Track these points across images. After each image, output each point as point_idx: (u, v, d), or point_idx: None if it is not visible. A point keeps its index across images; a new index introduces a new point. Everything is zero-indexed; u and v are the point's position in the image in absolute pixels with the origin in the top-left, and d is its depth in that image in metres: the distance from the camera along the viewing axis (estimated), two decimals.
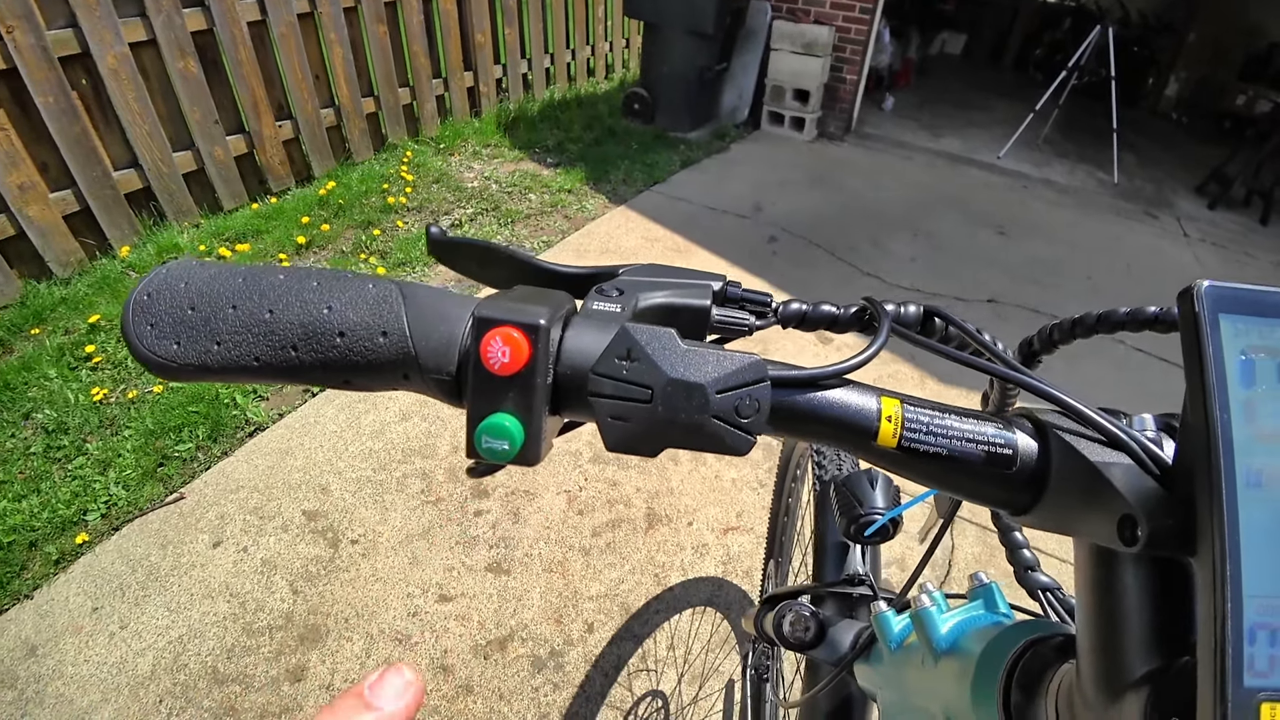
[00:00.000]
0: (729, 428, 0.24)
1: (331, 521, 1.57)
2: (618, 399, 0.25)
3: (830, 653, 0.52)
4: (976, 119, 5.68)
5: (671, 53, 3.96)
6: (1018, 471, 0.26)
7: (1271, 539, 0.20)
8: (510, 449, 0.24)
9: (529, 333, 0.24)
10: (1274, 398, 0.21)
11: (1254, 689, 0.19)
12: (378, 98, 3.29)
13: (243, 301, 0.26)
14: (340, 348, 0.26)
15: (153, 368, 0.26)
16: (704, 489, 1.73)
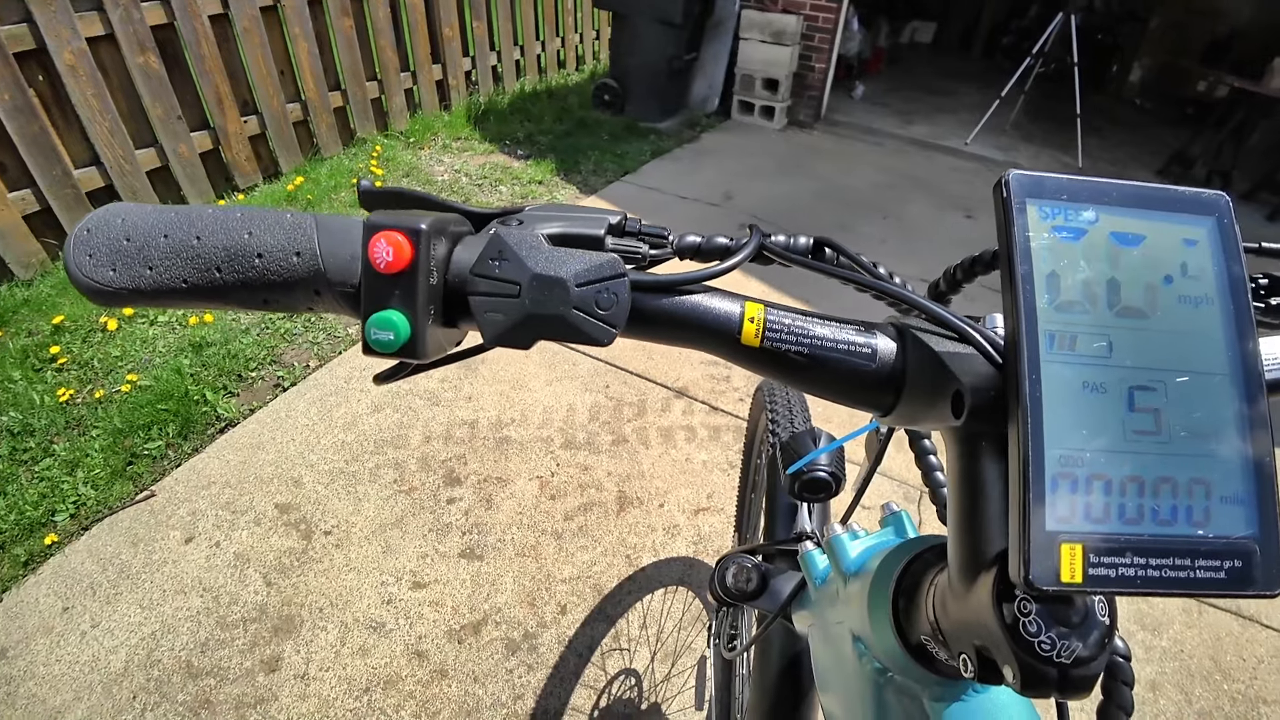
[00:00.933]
0: (589, 318, 0.27)
1: (304, 513, 1.57)
2: (491, 295, 0.27)
3: (771, 602, 0.55)
4: (945, 105, 5.75)
5: (641, 43, 3.96)
6: (877, 370, 0.29)
7: (1072, 397, 0.23)
8: (395, 340, 0.27)
9: (410, 235, 0.26)
10: (1074, 270, 0.24)
11: (1055, 532, 0.22)
12: (345, 92, 3.26)
13: (173, 231, 0.29)
14: (259, 268, 0.29)
15: (90, 293, 0.29)
16: (675, 471, 1.76)
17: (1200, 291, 0.24)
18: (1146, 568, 0.22)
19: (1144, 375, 0.23)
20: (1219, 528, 0.22)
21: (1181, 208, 0.25)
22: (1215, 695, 1.47)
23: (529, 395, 1.98)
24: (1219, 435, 0.23)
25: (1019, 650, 0.24)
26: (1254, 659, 1.56)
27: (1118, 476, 0.22)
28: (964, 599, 0.27)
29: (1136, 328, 0.24)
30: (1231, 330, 0.24)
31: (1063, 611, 0.24)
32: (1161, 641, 1.56)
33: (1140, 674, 1.49)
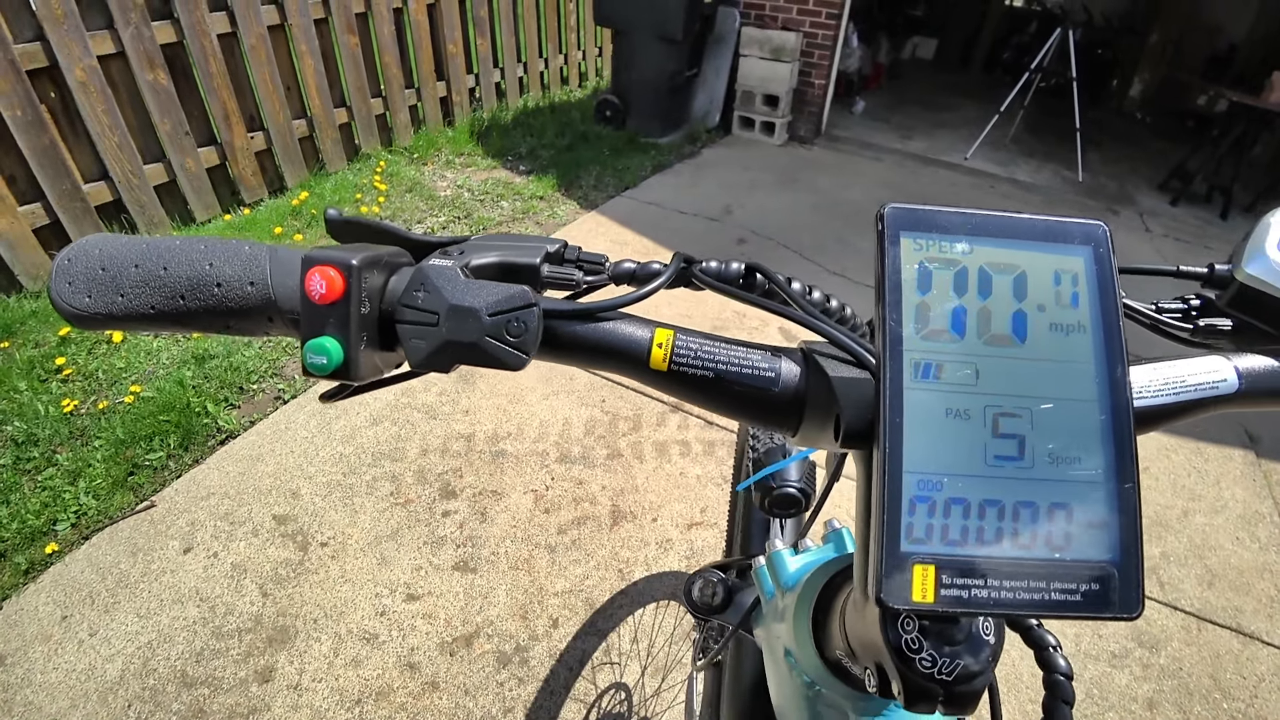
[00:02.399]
0: (500, 345, 0.29)
1: (301, 525, 1.59)
2: (414, 324, 0.30)
3: (735, 616, 0.56)
4: (945, 120, 5.79)
5: (642, 59, 4.02)
6: (779, 393, 0.30)
7: (935, 423, 0.24)
8: (329, 364, 0.29)
9: (343, 269, 0.29)
10: (944, 300, 0.25)
11: (909, 554, 0.23)
12: (350, 108, 3.31)
13: (143, 261, 0.32)
14: (218, 295, 0.32)
15: (68, 318, 0.32)
16: (669, 486, 1.78)
17: (1073, 320, 0.25)
18: (1001, 589, 0.22)
19: (1010, 402, 0.24)
20: (1079, 552, 0.23)
21: (1059, 238, 0.26)
22: (1214, 714, 1.47)
23: (525, 409, 2.00)
24: (1083, 461, 0.24)
25: (901, 666, 0.26)
26: (1254, 677, 1.56)
27: (976, 500, 0.23)
28: (863, 616, 0.29)
29: (1005, 356, 0.24)
30: (1102, 358, 0.25)
31: (946, 630, 0.26)
32: (1159, 659, 1.57)
33: (1137, 692, 1.49)
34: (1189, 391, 0.32)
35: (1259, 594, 1.78)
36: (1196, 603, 1.72)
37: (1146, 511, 1.96)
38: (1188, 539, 1.90)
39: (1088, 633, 1.59)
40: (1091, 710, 1.44)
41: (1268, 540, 1.96)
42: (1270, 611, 1.74)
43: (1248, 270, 0.35)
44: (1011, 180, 4.58)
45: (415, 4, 3.47)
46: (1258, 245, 0.35)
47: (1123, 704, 1.46)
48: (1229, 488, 2.14)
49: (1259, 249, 0.35)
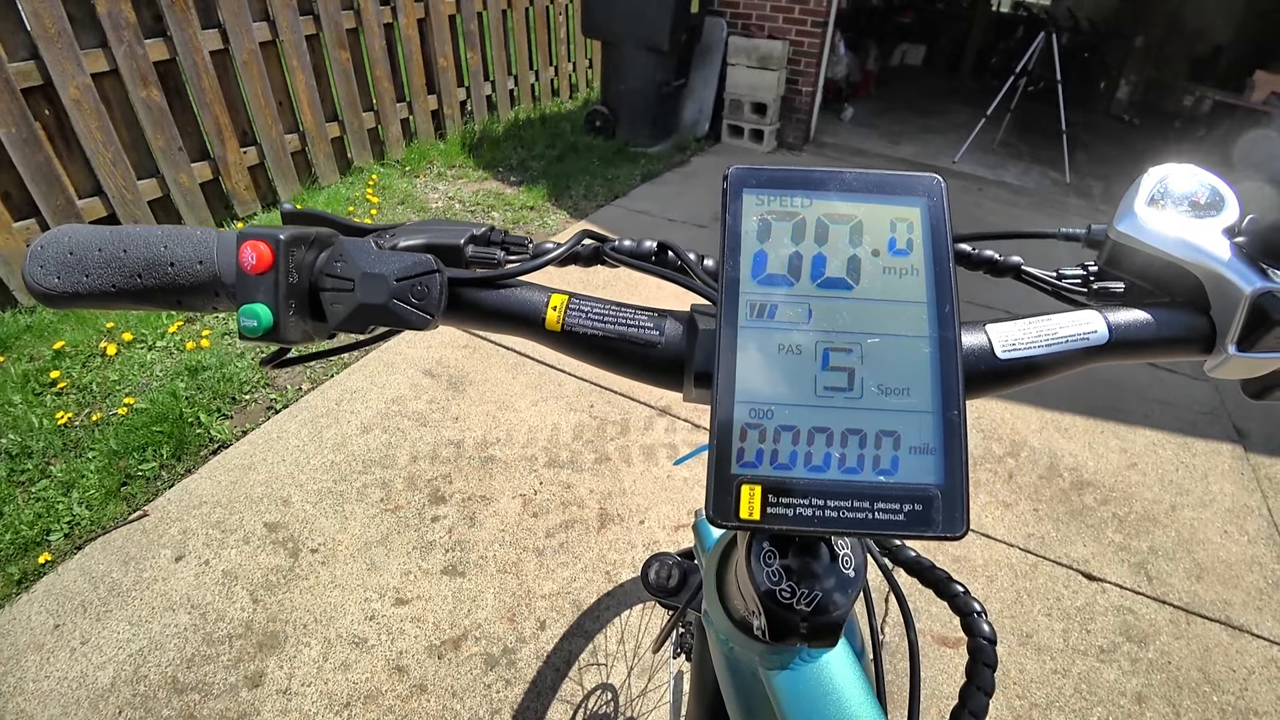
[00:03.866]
0: (407, 306, 0.32)
1: (292, 532, 1.61)
2: (334, 290, 0.33)
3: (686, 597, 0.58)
4: (934, 125, 5.84)
5: (630, 70, 4.06)
6: (662, 351, 0.33)
7: (767, 358, 0.26)
8: (259, 326, 0.32)
9: (271, 242, 0.32)
10: (780, 247, 0.27)
11: (737, 475, 0.24)
12: (342, 122, 3.35)
13: (106, 246, 0.35)
14: (171, 274, 0.35)
15: (38, 296, 0.35)
16: (656, 489, 1.79)
17: (906, 264, 0.27)
18: (825, 509, 0.24)
19: (841, 338, 0.26)
20: (906, 475, 0.24)
21: (896, 191, 0.28)
22: (1204, 707, 1.47)
23: (515, 415, 2.01)
24: (911, 392, 0.25)
25: (765, 601, 0.27)
26: (1244, 670, 1.57)
27: (805, 427, 0.25)
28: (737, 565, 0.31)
29: (839, 296, 0.26)
30: (933, 297, 0.26)
31: (806, 564, 0.28)
32: (1148, 653, 1.57)
33: (1125, 686, 1.50)
34: (1060, 343, 0.33)
35: (1248, 587, 1.79)
36: (1185, 596, 1.73)
37: (1135, 507, 1.98)
38: (1176, 533, 1.92)
39: (1076, 628, 1.60)
40: (1080, 705, 1.44)
41: (1256, 533, 1.97)
42: (1259, 604, 1.74)
43: (1118, 228, 0.37)
44: (1000, 183, 4.62)
45: (406, 19, 3.52)
46: (1128, 204, 0.36)
47: (1111, 699, 1.46)
48: (1217, 482, 2.15)
49: (1129, 208, 0.36)
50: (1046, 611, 1.63)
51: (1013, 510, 1.91)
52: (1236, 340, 0.33)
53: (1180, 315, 0.35)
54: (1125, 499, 2.01)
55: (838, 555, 0.29)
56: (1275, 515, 2.05)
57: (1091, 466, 2.12)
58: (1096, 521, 1.92)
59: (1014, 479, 2.03)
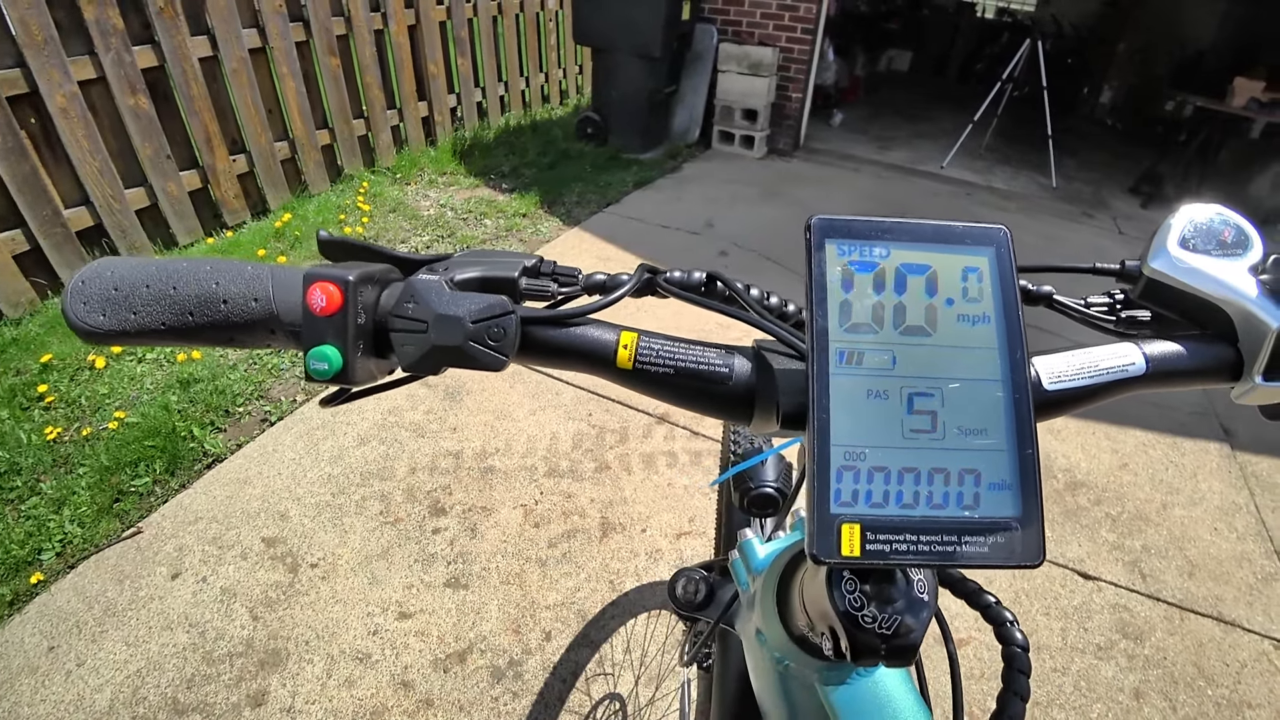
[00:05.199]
0: (482, 348, 0.32)
1: (291, 547, 1.59)
2: (405, 331, 0.33)
3: (717, 612, 0.58)
4: (923, 130, 5.90)
5: (622, 77, 4.07)
6: (732, 387, 0.34)
7: (858, 403, 0.27)
8: (329, 369, 0.32)
9: (341, 285, 0.32)
10: (863, 297, 0.28)
11: (837, 515, 0.26)
12: (332, 129, 3.33)
13: (154, 282, 0.35)
14: (224, 311, 0.34)
15: (84, 335, 0.34)
16: (656, 496, 1.79)
17: (979, 311, 0.28)
18: (918, 544, 0.26)
19: (923, 383, 0.27)
20: (987, 510, 0.26)
21: (965, 240, 0.29)
22: (1199, 701, 1.50)
23: (513, 425, 2.01)
24: (989, 432, 0.27)
25: (846, 624, 0.29)
26: (1237, 664, 1.60)
27: (895, 467, 0.26)
28: (813, 583, 0.32)
29: (919, 344, 0.28)
30: (1004, 343, 0.28)
31: (885, 591, 0.30)
32: (1144, 650, 1.59)
33: (1124, 683, 1.51)
34: (1101, 375, 0.36)
35: (1238, 582, 1.82)
36: (1178, 593, 1.75)
37: (1127, 506, 2.00)
38: (1167, 531, 1.94)
39: (1074, 627, 1.61)
40: (1080, 702, 1.46)
41: (1245, 530, 2.00)
42: (1250, 599, 1.77)
43: (1153, 265, 0.39)
44: (989, 188, 4.67)
45: (396, 25, 3.51)
46: (1160, 243, 0.39)
47: (1109, 695, 1.48)
48: (1206, 480, 2.18)
49: (1161, 246, 0.39)
50: (1045, 611, 1.65)
51: None
52: (1264, 371, 0.35)
53: (1210, 347, 0.37)
54: (1118, 499, 2.04)
55: (912, 581, 0.30)
56: (1263, 512, 2.08)
57: (1085, 468, 2.15)
58: (1091, 522, 1.94)
59: None
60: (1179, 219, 0.39)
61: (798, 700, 0.39)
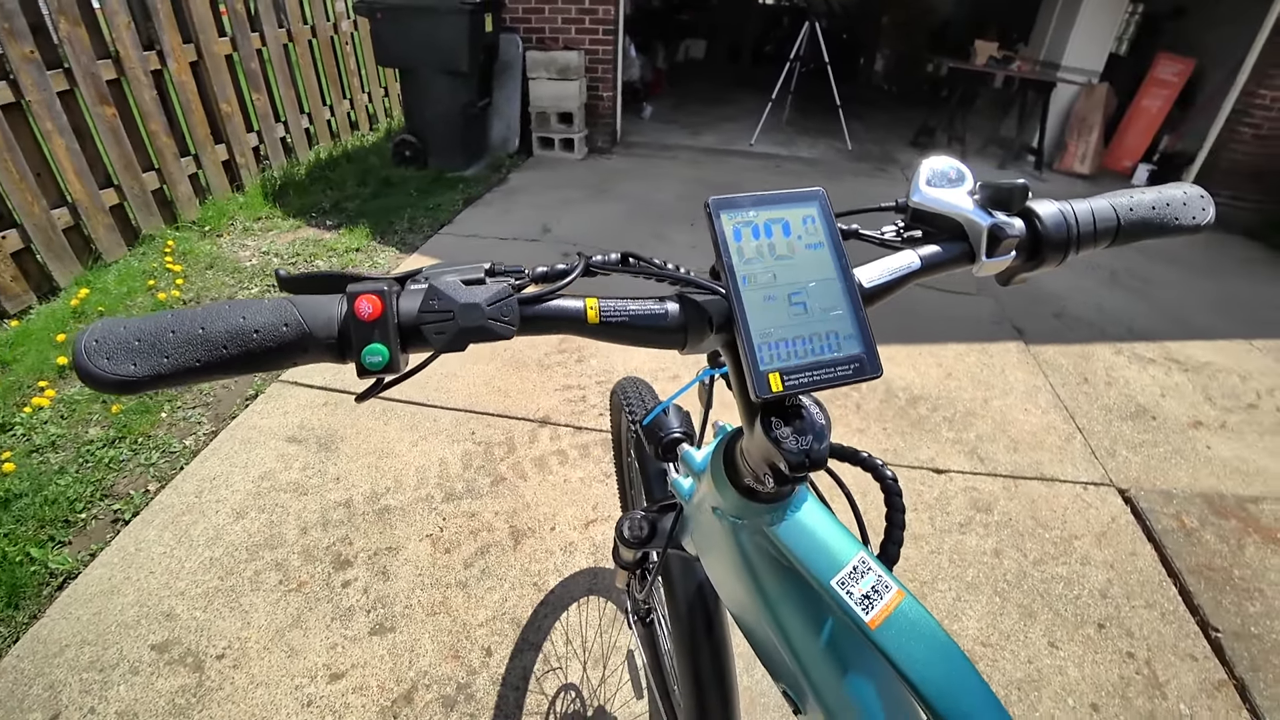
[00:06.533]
0: (498, 323, 0.42)
1: (188, 646, 1.46)
2: (436, 322, 0.41)
3: (662, 540, 0.69)
4: (727, 113, 6.32)
5: (432, 95, 4.01)
6: (669, 323, 0.46)
7: (757, 305, 0.43)
8: (382, 361, 0.40)
9: (380, 295, 0.40)
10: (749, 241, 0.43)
11: (765, 370, 0.42)
12: (119, 187, 2.99)
13: (179, 327, 0.39)
14: (257, 340, 0.40)
15: (116, 385, 0.37)
16: (556, 495, 1.85)
17: (816, 240, 0.45)
18: (813, 376, 0.42)
19: (795, 287, 0.44)
20: (845, 351, 0.43)
21: (801, 200, 0.46)
22: (1041, 544, 1.84)
23: (398, 460, 1.96)
24: (837, 308, 0.44)
25: (781, 450, 0.42)
26: (1061, 508, 1.97)
27: (790, 336, 0.43)
28: (752, 439, 0.45)
29: (787, 264, 0.44)
30: (835, 256, 0.45)
31: (798, 423, 0.43)
32: (994, 517, 1.90)
33: (984, 546, 1.81)
34: (896, 273, 0.53)
35: (1050, 446, 2.21)
36: (1009, 466, 2.10)
37: (958, 407, 2.35)
38: (992, 420, 2.30)
39: (938, 514, 1.88)
40: (956, 571, 1.72)
41: (1047, 405, 2.42)
42: (1060, 458, 2.16)
43: (913, 200, 0.57)
44: (795, 158, 5.12)
45: (176, 64, 3.21)
46: (915, 184, 0.57)
47: (977, 559, 1.76)
48: (1011, 372, 2.60)
49: (916, 186, 0.57)
50: (913, 507, 1.91)
51: (866, 434, 2.20)
52: (985, 253, 0.54)
53: (955, 245, 0.55)
54: (949, 403, 2.38)
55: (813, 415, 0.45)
56: (1057, 388, 2.53)
57: (919, 384, 2.48)
58: (933, 426, 2.25)
59: (861, 408, 2.33)
60: (923, 167, 0.57)
61: (754, 557, 0.52)
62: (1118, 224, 0.58)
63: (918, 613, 0.44)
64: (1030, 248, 0.56)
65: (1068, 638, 1.59)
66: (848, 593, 0.45)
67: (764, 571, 0.51)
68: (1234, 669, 1.55)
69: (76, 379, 2.33)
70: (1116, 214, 0.58)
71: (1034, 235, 0.55)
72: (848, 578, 0.46)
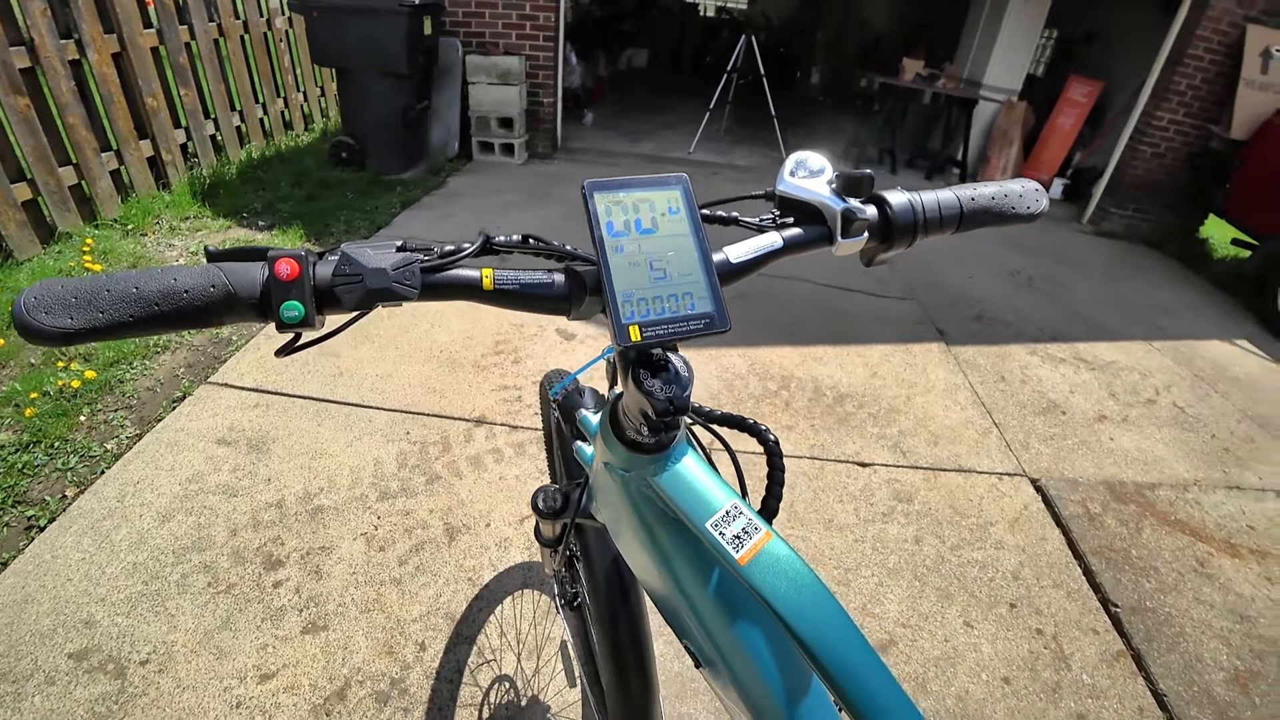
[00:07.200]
0: (402, 285, 0.48)
1: (109, 652, 1.42)
2: (346, 284, 0.46)
3: (572, 513, 0.75)
4: (668, 121, 6.44)
5: (370, 97, 3.96)
6: (557, 292, 0.53)
7: (623, 270, 0.49)
8: (298, 315, 0.45)
9: (298, 259, 0.46)
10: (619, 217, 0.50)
11: (626, 323, 0.48)
12: (33, 181, 2.85)
13: (114, 287, 0.43)
14: (186, 299, 0.44)
15: (54, 338, 0.42)
16: (491, 492, 1.87)
17: (679, 216, 0.52)
18: (669, 329, 0.49)
19: (657, 255, 0.51)
20: (697, 309, 0.50)
21: (666, 184, 0.53)
22: (959, 531, 1.96)
23: (331, 461, 1.95)
24: (692, 275, 0.51)
25: (649, 399, 0.48)
26: (977, 497, 2.09)
27: (650, 296, 0.49)
28: (628, 392, 0.51)
29: (651, 237, 0.51)
30: (693, 232, 0.52)
31: (664, 375, 0.49)
32: (915, 507, 2.01)
33: (906, 534, 1.92)
34: (760, 250, 0.60)
35: (968, 440, 2.35)
36: (928, 459, 2.22)
37: (882, 404, 2.47)
38: (913, 416, 2.44)
39: (863, 505, 1.99)
40: (878, 559, 1.82)
41: (966, 402, 2.57)
42: (978, 451, 2.30)
43: (779, 189, 0.64)
44: (731, 165, 5.26)
45: (97, 54, 3.08)
46: (781, 175, 0.64)
47: (899, 546, 1.87)
48: (933, 371, 2.75)
49: (781, 177, 0.64)
50: (839, 499, 2.01)
51: (795, 430, 2.30)
52: (840, 235, 0.61)
53: (815, 228, 0.62)
54: (874, 400, 2.51)
55: (678, 368, 0.51)
56: (975, 387, 2.69)
57: (845, 383, 2.60)
58: (858, 422, 2.37)
59: (790, 406, 2.43)
60: (789, 161, 0.64)
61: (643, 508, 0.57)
62: (960, 212, 0.66)
63: (784, 551, 0.49)
64: (882, 231, 0.63)
65: (982, 617, 1.71)
66: (720, 533, 0.50)
67: (655, 523, 0.57)
68: (1131, 640, 1.70)
69: None
70: (960, 203, 0.66)
71: (885, 220, 0.63)
72: (721, 520, 0.51)
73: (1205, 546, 2.06)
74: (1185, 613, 1.80)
